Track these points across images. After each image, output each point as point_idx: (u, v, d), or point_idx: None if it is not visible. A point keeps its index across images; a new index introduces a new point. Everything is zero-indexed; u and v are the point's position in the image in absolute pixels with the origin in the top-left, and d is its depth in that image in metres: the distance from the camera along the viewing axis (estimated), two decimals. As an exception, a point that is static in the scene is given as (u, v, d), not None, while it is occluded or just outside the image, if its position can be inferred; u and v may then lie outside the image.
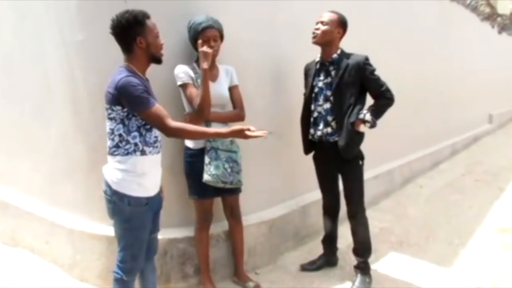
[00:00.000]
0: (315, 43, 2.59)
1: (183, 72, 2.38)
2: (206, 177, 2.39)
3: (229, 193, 2.54)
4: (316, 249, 3.04)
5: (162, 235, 2.39)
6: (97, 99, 2.55)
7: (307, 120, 2.74)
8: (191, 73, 2.39)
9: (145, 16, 1.85)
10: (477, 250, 3.22)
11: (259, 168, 2.57)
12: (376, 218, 3.54)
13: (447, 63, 6.37)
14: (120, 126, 1.84)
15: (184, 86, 2.38)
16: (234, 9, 2.68)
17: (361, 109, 2.56)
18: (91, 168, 2.65)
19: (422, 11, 5.46)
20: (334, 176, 2.74)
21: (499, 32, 9.67)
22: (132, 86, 1.76)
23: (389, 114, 2.58)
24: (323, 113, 2.63)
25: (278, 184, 3.15)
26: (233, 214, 2.62)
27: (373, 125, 2.50)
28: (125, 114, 1.82)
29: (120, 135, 1.85)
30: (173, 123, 1.82)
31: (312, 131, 2.71)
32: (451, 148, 6.77)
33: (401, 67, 4.65)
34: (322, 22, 2.54)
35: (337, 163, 2.62)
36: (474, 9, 7.62)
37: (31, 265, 2.91)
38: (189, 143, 2.48)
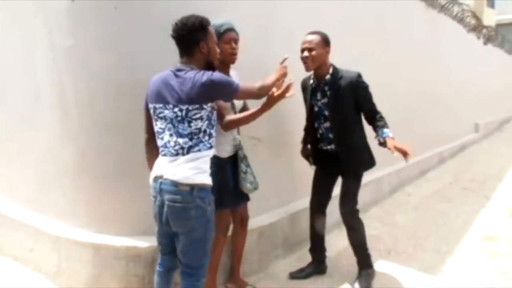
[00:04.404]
0: (309, 70, 2.60)
1: (235, 77, 2.30)
2: (248, 186, 2.35)
3: (243, 202, 2.51)
4: (305, 257, 3.03)
5: (151, 242, 2.36)
6: (86, 104, 2.54)
7: (314, 135, 2.78)
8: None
9: (208, 22, 1.90)
10: (464, 258, 3.24)
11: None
12: (365, 226, 3.54)
13: (435, 73, 6.47)
14: (207, 122, 1.85)
15: None
16: (227, 16, 2.68)
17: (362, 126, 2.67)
18: (78, 174, 2.61)
19: (410, 23, 5.55)
20: (332, 180, 2.82)
21: (485, 43, 9.88)
22: (218, 75, 1.83)
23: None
24: (325, 131, 2.70)
25: (267, 192, 3.13)
26: (243, 221, 2.60)
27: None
28: (210, 109, 1.85)
29: (204, 131, 1.85)
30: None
31: (321, 145, 2.77)
32: (438, 157, 6.85)
33: (390, 77, 4.71)
34: (309, 49, 2.51)
35: (340, 169, 2.70)
36: (461, 21, 7.78)
37: (14, 274, 2.84)
38: (218, 152, 2.23)
